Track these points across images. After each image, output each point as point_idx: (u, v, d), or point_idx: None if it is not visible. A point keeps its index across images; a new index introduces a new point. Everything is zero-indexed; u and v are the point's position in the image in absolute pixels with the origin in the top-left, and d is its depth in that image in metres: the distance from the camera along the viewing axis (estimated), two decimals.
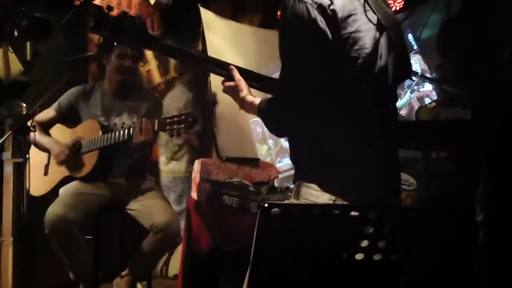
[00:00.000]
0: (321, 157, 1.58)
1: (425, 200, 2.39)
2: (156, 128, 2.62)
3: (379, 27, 1.60)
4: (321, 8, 1.50)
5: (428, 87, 4.40)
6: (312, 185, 1.58)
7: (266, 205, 1.38)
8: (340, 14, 1.52)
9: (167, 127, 2.57)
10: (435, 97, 4.25)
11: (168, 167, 4.70)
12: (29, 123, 2.73)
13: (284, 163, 5.12)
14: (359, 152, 1.57)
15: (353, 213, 1.37)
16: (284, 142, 5.23)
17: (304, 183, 1.60)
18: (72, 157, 2.92)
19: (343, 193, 1.54)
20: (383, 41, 1.62)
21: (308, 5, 1.49)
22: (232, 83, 1.78)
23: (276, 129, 1.69)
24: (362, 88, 1.55)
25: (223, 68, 1.83)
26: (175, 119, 2.56)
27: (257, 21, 5.39)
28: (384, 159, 1.65)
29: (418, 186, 2.56)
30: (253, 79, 1.84)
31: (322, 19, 1.49)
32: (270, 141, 5.26)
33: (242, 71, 1.82)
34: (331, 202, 1.54)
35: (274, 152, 5.24)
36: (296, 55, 1.51)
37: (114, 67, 2.97)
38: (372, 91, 1.59)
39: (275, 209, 1.37)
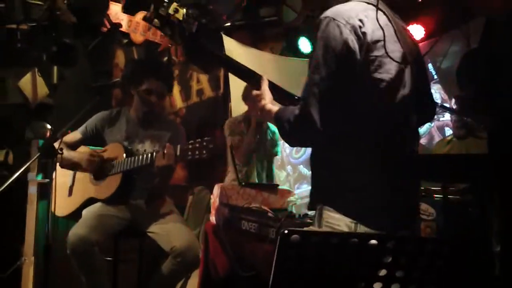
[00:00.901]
0: (342, 184, 1.61)
1: (443, 230, 2.39)
2: (178, 153, 2.68)
3: (404, 58, 1.66)
4: (353, 29, 1.57)
5: (448, 116, 4.40)
6: (334, 210, 1.61)
7: (285, 231, 1.41)
8: (369, 38, 1.59)
9: (189, 153, 2.63)
10: None
11: None
12: (56, 145, 2.80)
13: (303, 190, 5.14)
14: (379, 180, 1.60)
15: (371, 242, 1.39)
16: (303, 169, 5.26)
17: (325, 208, 1.63)
18: (100, 165, 2.98)
19: (363, 218, 1.57)
20: (407, 72, 1.67)
21: (341, 25, 1.56)
22: (258, 92, 1.85)
23: (286, 136, 1.71)
24: (384, 114, 1.61)
25: (254, 78, 1.90)
26: (197, 145, 2.61)
27: (278, 49, 5.48)
28: (404, 189, 1.68)
29: (437, 216, 2.55)
30: (282, 96, 1.90)
31: (353, 39, 1.56)
32: (289, 168, 5.30)
33: (272, 85, 1.88)
34: (352, 225, 1.58)
35: (293, 179, 5.27)
36: (324, 70, 1.56)
37: (140, 100, 3.06)
38: (394, 119, 1.63)
39: (295, 236, 1.40)
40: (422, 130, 4.49)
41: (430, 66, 4.42)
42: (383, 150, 1.61)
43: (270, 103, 1.81)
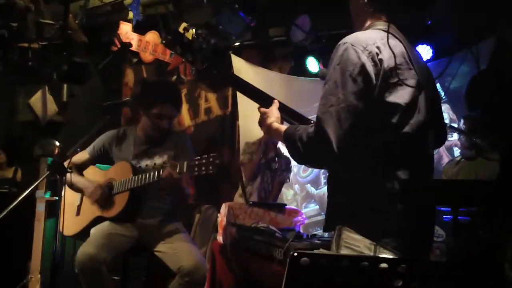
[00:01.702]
0: (363, 205, 1.62)
1: (453, 252, 2.37)
2: (184, 169, 2.68)
3: (418, 84, 1.68)
4: (370, 56, 1.60)
5: (456, 136, 4.39)
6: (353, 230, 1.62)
7: (295, 254, 1.41)
8: (386, 64, 1.62)
9: (196, 169, 2.64)
10: None
11: None
12: (65, 164, 2.82)
13: (310, 209, 5.12)
14: (400, 202, 1.61)
15: (382, 265, 1.38)
16: (310, 188, 5.24)
17: (345, 229, 1.63)
18: (105, 197, 3.00)
19: (383, 240, 1.58)
20: (422, 98, 1.69)
21: (359, 51, 1.60)
22: (266, 109, 1.88)
23: (298, 155, 1.71)
24: (400, 138, 1.63)
25: (264, 99, 1.94)
26: (203, 161, 2.62)
27: (286, 68, 5.51)
28: (423, 212, 1.70)
29: (446, 237, 2.53)
30: (293, 117, 1.92)
31: (370, 64, 1.60)
32: (296, 187, 5.28)
33: (283, 106, 1.92)
34: (372, 247, 1.58)
35: (300, 198, 5.24)
36: (341, 92, 1.58)
37: (150, 123, 3.08)
38: (411, 143, 1.65)
39: (304, 259, 1.39)
40: None
41: (438, 86, 4.41)
42: (401, 172, 1.62)
43: (276, 122, 1.83)
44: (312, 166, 1.80)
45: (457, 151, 4.45)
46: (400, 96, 1.63)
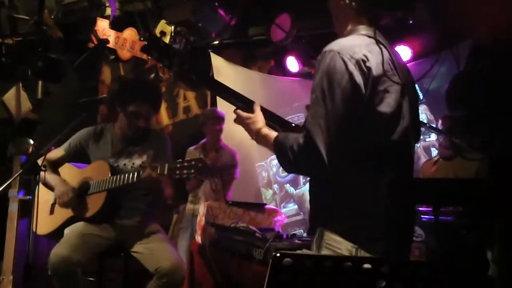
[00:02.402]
0: (344, 208, 1.60)
1: (434, 252, 2.37)
2: (165, 172, 2.63)
3: (402, 90, 1.67)
4: (358, 64, 1.58)
5: (434, 137, 4.43)
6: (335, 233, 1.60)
7: (278, 254, 1.38)
8: (374, 72, 1.60)
9: (177, 172, 2.59)
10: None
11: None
12: (39, 162, 2.74)
13: (289, 208, 5.11)
14: (382, 205, 1.60)
15: (365, 266, 1.36)
16: (289, 188, 5.23)
17: (326, 230, 1.62)
18: (76, 200, 2.91)
19: (364, 244, 1.56)
20: (405, 103, 1.68)
21: (346, 60, 1.57)
22: (250, 114, 1.84)
23: (288, 165, 1.69)
24: (386, 145, 1.62)
25: (245, 103, 1.89)
26: (185, 164, 2.58)
27: (266, 68, 5.50)
28: (404, 214, 1.70)
29: (426, 237, 2.54)
30: (273, 120, 1.89)
31: (358, 73, 1.57)
32: (275, 186, 5.27)
33: (264, 110, 1.88)
34: (353, 250, 1.57)
35: (279, 197, 5.23)
36: (329, 103, 1.56)
37: (127, 122, 3.01)
38: (396, 149, 1.64)
39: (287, 259, 1.37)
40: None
41: (416, 87, 4.45)
42: (385, 176, 1.62)
43: (265, 127, 1.79)
44: (301, 174, 1.77)
45: (434, 152, 4.49)
46: (388, 104, 1.61)
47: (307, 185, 5.11)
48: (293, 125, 1.95)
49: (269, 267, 1.40)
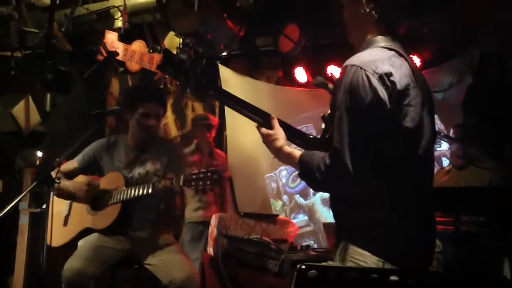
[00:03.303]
0: (370, 223, 1.58)
1: (451, 262, 2.35)
2: (181, 183, 2.63)
3: (423, 102, 1.65)
4: (381, 79, 1.55)
5: (444, 146, 4.41)
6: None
7: (303, 266, 1.37)
8: (398, 86, 1.57)
9: (193, 183, 2.58)
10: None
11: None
12: (53, 174, 2.72)
13: (299, 220, 5.08)
14: (407, 219, 1.59)
15: (392, 278, 1.35)
16: (299, 198, 5.21)
17: (351, 244, 1.59)
18: (96, 191, 2.92)
19: (391, 257, 1.54)
20: (425, 114, 1.66)
21: (369, 75, 1.55)
22: (270, 131, 1.80)
23: (316, 185, 1.68)
24: (412, 160, 1.60)
25: (262, 117, 1.85)
26: (201, 175, 2.57)
27: (274, 78, 5.50)
28: (428, 226, 1.69)
29: (443, 248, 2.51)
30: (291, 133, 1.86)
31: (382, 89, 1.54)
32: (285, 197, 5.24)
33: (282, 124, 1.84)
34: (380, 264, 1.54)
35: (289, 208, 5.21)
36: (355, 120, 1.54)
37: (138, 125, 3.02)
38: (421, 162, 1.63)
39: (312, 271, 1.35)
40: None
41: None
42: (409, 190, 1.60)
43: (286, 145, 1.76)
44: (329, 192, 1.71)
45: (445, 161, 4.46)
46: (412, 118, 1.59)
47: (317, 195, 5.13)
48: (311, 137, 1.93)
49: (294, 279, 1.39)
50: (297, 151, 1.73)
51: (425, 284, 1.36)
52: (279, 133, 1.78)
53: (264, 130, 1.81)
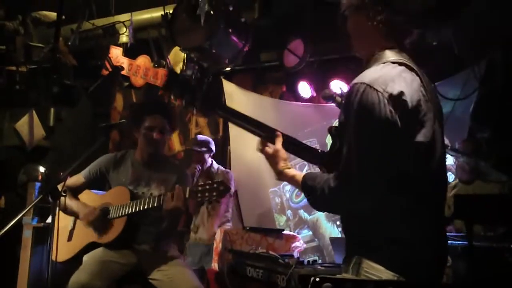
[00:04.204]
0: (384, 238, 1.55)
1: (463, 277, 2.32)
2: (187, 195, 2.61)
3: (435, 116, 1.63)
4: (391, 99, 1.51)
5: (450, 161, 4.38)
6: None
7: (317, 279, 1.35)
8: (410, 104, 1.54)
9: (199, 195, 2.56)
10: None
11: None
12: (59, 187, 2.70)
13: (303, 235, 5.03)
14: (420, 233, 1.56)
15: None
16: (303, 213, 5.17)
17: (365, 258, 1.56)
18: (100, 219, 2.89)
19: (406, 272, 1.51)
20: (437, 128, 1.64)
21: (379, 94, 1.51)
22: (270, 150, 1.79)
23: (321, 208, 1.68)
24: (425, 174, 1.58)
25: (268, 134, 1.84)
26: (207, 187, 2.55)
27: (278, 93, 5.51)
28: (441, 240, 1.66)
29: (453, 262, 2.48)
30: (297, 148, 1.85)
31: (391, 109, 1.50)
32: (289, 212, 5.21)
33: (287, 138, 1.84)
34: (395, 278, 1.51)
35: (293, 223, 5.17)
36: (365, 141, 1.52)
37: (144, 140, 3.02)
38: (433, 176, 1.61)
39: (327, 284, 1.33)
40: None
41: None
42: (423, 204, 1.58)
43: (287, 167, 1.76)
44: (335, 213, 1.70)
45: (450, 176, 4.44)
46: (424, 134, 1.56)
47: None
48: (318, 151, 1.92)
49: None
50: (298, 174, 1.71)
51: None
52: (281, 154, 1.77)
53: (266, 150, 1.80)
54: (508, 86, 2.80)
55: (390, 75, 1.57)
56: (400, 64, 1.63)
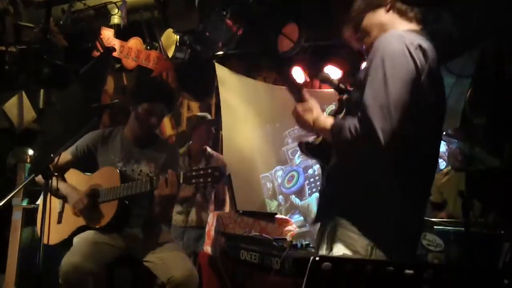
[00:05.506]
0: (368, 202, 1.58)
1: (455, 261, 2.34)
2: (181, 180, 2.58)
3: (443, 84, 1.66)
4: (418, 49, 1.54)
5: (442, 149, 4.41)
6: (351, 227, 1.57)
7: (317, 258, 1.34)
8: (431, 59, 1.56)
9: (193, 180, 2.54)
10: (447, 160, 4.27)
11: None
12: (51, 167, 2.65)
13: (294, 220, 5.04)
14: (406, 205, 1.58)
15: (407, 271, 1.33)
16: (295, 199, 5.19)
17: (341, 224, 1.59)
18: (90, 207, 2.85)
19: (382, 242, 1.54)
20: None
21: (408, 43, 1.54)
22: (305, 104, 1.76)
23: (345, 142, 1.61)
24: (432, 140, 1.61)
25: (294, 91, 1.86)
26: (201, 172, 2.52)
27: (271, 78, 5.48)
28: (419, 215, 1.68)
29: (445, 247, 2.51)
30: None
31: (420, 58, 1.53)
32: (280, 197, 5.22)
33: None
34: (369, 248, 1.54)
35: (284, 209, 5.18)
36: (392, 86, 1.51)
37: (139, 121, 2.96)
38: (436, 144, 1.65)
39: (327, 264, 1.33)
40: None
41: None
42: (420, 175, 1.60)
43: (322, 115, 1.74)
44: (352, 156, 1.64)
45: (442, 163, 4.46)
46: (437, 95, 1.60)
47: (313, 196, 5.10)
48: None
49: (307, 273, 1.36)
50: (330, 119, 1.69)
51: (441, 278, 1.34)
52: (314, 104, 1.76)
53: (299, 104, 1.78)
54: (504, 72, 2.80)
55: (411, 35, 1.60)
56: (416, 32, 1.66)
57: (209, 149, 4.36)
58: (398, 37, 1.57)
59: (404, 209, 1.57)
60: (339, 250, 1.57)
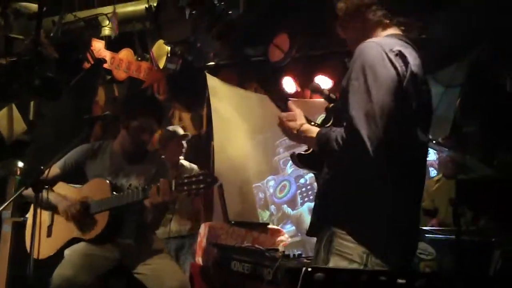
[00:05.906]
0: (361, 210, 1.57)
1: (446, 270, 2.34)
2: (173, 188, 2.57)
3: (429, 92, 1.67)
4: (397, 56, 1.55)
5: (432, 157, 4.43)
6: (347, 237, 1.57)
7: (309, 269, 1.34)
8: (413, 68, 1.56)
9: (185, 187, 2.53)
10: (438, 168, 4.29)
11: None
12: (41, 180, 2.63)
13: (286, 230, 5.03)
14: (401, 211, 1.59)
15: (400, 281, 1.33)
16: (287, 208, 5.18)
17: (337, 234, 1.58)
18: (82, 213, 2.82)
19: (377, 249, 1.53)
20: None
21: (387, 51, 1.55)
22: (290, 112, 1.78)
23: (331, 154, 1.63)
24: (419, 146, 1.61)
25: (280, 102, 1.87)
26: (193, 179, 2.52)
27: (262, 88, 5.49)
28: (414, 222, 1.69)
29: (437, 255, 2.51)
30: None
31: (401, 64, 1.54)
32: (272, 207, 5.21)
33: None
34: (364, 256, 1.54)
35: (276, 219, 5.16)
36: (375, 95, 1.51)
37: (130, 137, 2.95)
38: (424, 151, 1.65)
39: (319, 274, 1.33)
40: None
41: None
42: (411, 182, 1.61)
43: (306, 124, 1.74)
44: (341, 167, 1.64)
45: (432, 171, 4.49)
46: (422, 102, 1.60)
47: (305, 205, 5.10)
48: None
49: (299, 283, 1.36)
50: (315, 128, 1.70)
51: (433, 286, 1.35)
52: (299, 112, 1.77)
53: (284, 113, 1.79)
54: (495, 80, 2.83)
55: (393, 42, 1.61)
56: (399, 38, 1.66)
57: (182, 161, 4.33)
58: (376, 45, 1.57)
59: (397, 214, 1.57)
60: (336, 264, 1.57)
